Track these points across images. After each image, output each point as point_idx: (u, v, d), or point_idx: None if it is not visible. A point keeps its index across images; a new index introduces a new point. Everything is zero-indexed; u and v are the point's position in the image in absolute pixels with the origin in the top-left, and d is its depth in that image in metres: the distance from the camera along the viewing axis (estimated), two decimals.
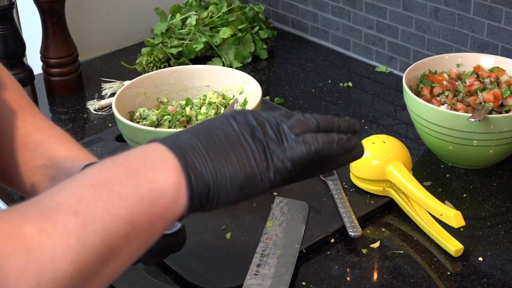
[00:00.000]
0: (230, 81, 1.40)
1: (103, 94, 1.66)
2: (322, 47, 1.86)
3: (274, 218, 1.22)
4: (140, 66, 1.73)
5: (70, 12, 1.79)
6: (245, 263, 1.13)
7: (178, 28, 1.79)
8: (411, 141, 1.45)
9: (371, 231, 1.20)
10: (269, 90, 1.67)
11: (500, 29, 1.48)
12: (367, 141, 1.27)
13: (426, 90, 1.37)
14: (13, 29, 1.58)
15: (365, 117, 1.54)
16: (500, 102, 1.32)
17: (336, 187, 1.28)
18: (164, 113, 1.32)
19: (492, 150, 1.29)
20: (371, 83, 1.67)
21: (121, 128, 1.28)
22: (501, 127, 1.25)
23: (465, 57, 1.43)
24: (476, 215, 1.23)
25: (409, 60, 1.67)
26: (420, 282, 1.09)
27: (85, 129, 1.55)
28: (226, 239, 1.18)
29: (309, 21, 1.88)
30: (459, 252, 1.13)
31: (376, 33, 1.72)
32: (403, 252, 1.16)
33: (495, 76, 1.38)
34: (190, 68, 1.44)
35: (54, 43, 1.63)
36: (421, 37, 1.63)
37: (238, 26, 1.76)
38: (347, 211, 1.21)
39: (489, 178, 1.32)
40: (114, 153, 1.46)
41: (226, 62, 1.76)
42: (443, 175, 1.34)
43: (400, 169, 1.23)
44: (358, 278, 1.11)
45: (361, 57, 1.79)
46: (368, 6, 1.71)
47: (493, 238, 1.18)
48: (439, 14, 1.58)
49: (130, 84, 1.38)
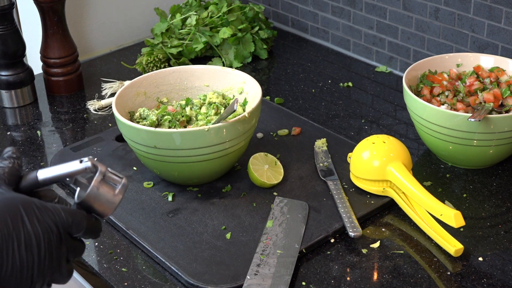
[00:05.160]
0: (230, 81, 1.41)
1: (103, 94, 1.66)
2: (322, 47, 1.86)
3: (274, 218, 1.22)
4: (140, 66, 1.73)
5: (70, 12, 1.80)
6: (245, 263, 1.13)
7: (178, 28, 1.79)
8: (411, 141, 1.45)
9: (371, 231, 1.20)
10: (269, 90, 1.67)
11: (500, 29, 1.48)
12: (367, 141, 1.27)
13: (426, 90, 1.37)
14: (13, 29, 1.58)
15: (365, 117, 1.54)
16: (500, 102, 1.32)
17: (336, 187, 1.28)
18: (164, 113, 1.32)
19: (492, 150, 1.29)
20: (371, 83, 1.67)
21: (121, 128, 1.28)
22: (501, 127, 1.25)
23: (465, 57, 1.43)
24: (476, 215, 1.23)
25: (409, 60, 1.67)
26: (420, 282, 1.09)
27: (85, 129, 1.55)
28: (226, 239, 1.19)
29: (309, 21, 1.88)
30: (459, 252, 1.13)
31: (376, 33, 1.73)
32: (403, 252, 1.16)
33: (495, 76, 1.38)
34: (190, 68, 1.44)
35: (54, 43, 1.63)
36: (421, 37, 1.63)
37: (238, 26, 1.76)
38: (347, 211, 1.21)
39: (489, 178, 1.32)
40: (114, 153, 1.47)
41: (226, 62, 1.76)
42: (443, 175, 1.34)
43: (400, 169, 1.23)
44: (358, 278, 1.11)
45: (361, 57, 1.79)
46: (368, 6, 1.72)
47: (493, 238, 1.18)
48: (439, 14, 1.58)
49: (130, 84, 1.38)
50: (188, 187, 1.31)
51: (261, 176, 1.29)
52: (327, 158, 1.37)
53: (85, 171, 0.87)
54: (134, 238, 1.20)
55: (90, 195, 0.86)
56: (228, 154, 1.26)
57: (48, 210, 0.81)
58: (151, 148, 1.23)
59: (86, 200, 0.87)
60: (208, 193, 1.30)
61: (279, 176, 1.31)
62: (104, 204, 0.88)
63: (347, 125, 1.51)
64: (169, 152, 1.23)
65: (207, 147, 1.23)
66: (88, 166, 0.87)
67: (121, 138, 1.44)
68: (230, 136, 1.24)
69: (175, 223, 1.23)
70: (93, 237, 0.87)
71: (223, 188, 1.30)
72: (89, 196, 0.86)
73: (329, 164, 1.35)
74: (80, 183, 0.88)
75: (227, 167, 1.31)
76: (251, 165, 1.30)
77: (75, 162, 0.88)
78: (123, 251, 1.19)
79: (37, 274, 0.80)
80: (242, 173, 1.34)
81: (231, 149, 1.26)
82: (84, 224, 0.84)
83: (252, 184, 1.31)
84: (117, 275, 1.13)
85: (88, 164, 0.87)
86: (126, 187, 0.89)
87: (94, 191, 0.87)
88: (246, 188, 1.30)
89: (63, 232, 0.82)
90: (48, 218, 0.81)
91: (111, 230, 1.23)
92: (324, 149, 1.39)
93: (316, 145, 1.41)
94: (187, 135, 1.21)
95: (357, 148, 1.28)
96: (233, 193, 1.29)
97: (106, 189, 0.87)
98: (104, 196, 0.87)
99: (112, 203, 0.88)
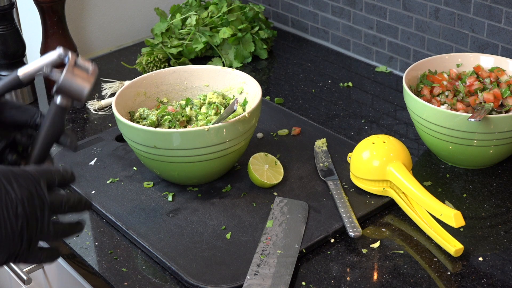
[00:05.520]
0: (230, 81, 1.41)
1: (103, 94, 1.66)
2: (322, 47, 1.86)
3: (274, 218, 1.22)
4: (140, 66, 1.73)
5: (70, 12, 1.80)
6: (245, 263, 1.13)
7: (178, 28, 1.79)
8: (411, 141, 1.45)
9: (371, 231, 1.20)
10: (269, 90, 1.67)
11: (500, 29, 1.48)
12: (367, 141, 1.27)
13: (426, 90, 1.37)
14: (13, 29, 1.58)
15: (365, 117, 1.54)
16: (500, 102, 1.32)
17: (336, 187, 1.28)
18: (164, 113, 1.32)
19: (492, 150, 1.29)
20: (371, 83, 1.67)
21: (121, 128, 1.28)
22: (501, 127, 1.25)
23: (465, 57, 1.43)
24: (476, 215, 1.23)
25: (409, 60, 1.68)
26: (420, 282, 1.09)
27: (85, 129, 1.55)
28: (226, 239, 1.19)
29: (309, 21, 1.88)
30: (459, 252, 1.13)
31: (376, 33, 1.73)
32: (403, 252, 1.16)
33: (495, 76, 1.38)
34: (190, 68, 1.44)
35: (54, 43, 1.63)
36: (421, 37, 1.63)
37: (238, 26, 1.76)
38: (347, 211, 1.21)
39: (489, 178, 1.32)
40: (114, 153, 1.47)
41: (226, 62, 1.76)
42: (443, 175, 1.34)
43: (400, 169, 1.23)
44: (358, 278, 1.11)
45: (361, 57, 1.79)
46: (368, 6, 1.72)
47: (493, 238, 1.18)
48: (439, 14, 1.58)
49: (130, 84, 1.38)
50: (188, 187, 1.31)
51: (261, 176, 1.29)
52: (327, 158, 1.37)
53: (59, 57, 1.00)
54: (134, 238, 1.20)
55: (66, 77, 0.99)
56: (228, 154, 1.26)
57: (25, 174, 0.89)
58: (151, 148, 1.23)
59: (64, 82, 0.99)
60: (208, 193, 1.30)
61: (279, 176, 1.31)
62: (80, 84, 1.00)
63: (347, 125, 1.51)
64: (169, 152, 1.23)
65: (207, 147, 1.23)
66: (60, 52, 1.00)
67: (121, 138, 1.44)
68: (230, 136, 1.24)
69: (175, 223, 1.23)
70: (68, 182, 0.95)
71: (223, 188, 1.31)
72: (66, 78, 0.99)
73: (329, 164, 1.35)
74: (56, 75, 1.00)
75: (227, 167, 1.31)
76: (251, 165, 1.30)
77: (48, 54, 1.01)
78: (123, 251, 1.19)
79: (26, 237, 0.88)
80: (242, 173, 1.34)
81: (231, 149, 1.26)
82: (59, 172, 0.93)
83: (252, 184, 1.31)
84: (117, 275, 1.13)
85: (60, 50, 1.00)
86: (97, 71, 1.02)
87: (69, 71, 0.99)
88: (246, 188, 1.30)
89: (42, 194, 0.89)
90: (27, 182, 0.88)
91: (111, 230, 1.24)
92: (324, 149, 1.39)
93: (316, 145, 1.41)
94: (187, 135, 1.21)
95: (357, 148, 1.28)
96: (233, 193, 1.29)
97: (79, 71, 1.01)
98: (79, 76, 1.00)
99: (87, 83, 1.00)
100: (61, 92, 1.00)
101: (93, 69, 1.02)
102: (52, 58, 1.01)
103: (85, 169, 1.37)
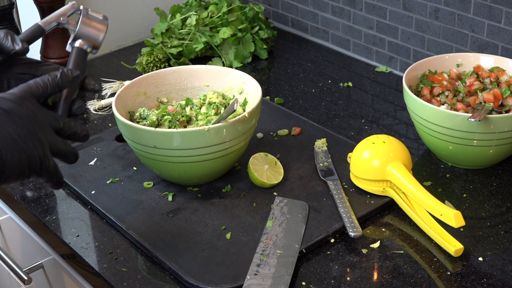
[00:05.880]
0: (230, 81, 1.41)
1: (103, 94, 1.66)
2: (322, 47, 1.86)
3: (274, 218, 1.22)
4: (140, 66, 1.73)
5: None
6: (245, 263, 1.13)
7: (178, 28, 1.79)
8: (411, 141, 1.45)
9: (371, 231, 1.20)
10: (269, 90, 1.67)
11: (500, 29, 1.48)
12: (367, 141, 1.27)
13: (426, 90, 1.37)
14: (13, 29, 1.58)
15: (365, 117, 1.54)
16: (500, 102, 1.32)
17: (336, 187, 1.28)
18: (164, 113, 1.32)
19: (492, 150, 1.29)
20: (371, 83, 1.67)
21: (121, 128, 1.28)
22: (501, 127, 1.25)
23: (465, 57, 1.43)
24: (476, 215, 1.23)
25: (409, 60, 1.68)
26: (420, 282, 1.09)
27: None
28: (226, 239, 1.19)
29: (309, 21, 1.88)
30: (459, 252, 1.13)
31: (376, 33, 1.73)
32: (403, 252, 1.16)
33: (495, 76, 1.38)
34: (190, 68, 1.44)
35: (54, 43, 1.63)
36: (421, 37, 1.63)
37: (238, 26, 1.76)
38: (347, 211, 1.21)
39: (489, 178, 1.32)
40: (114, 153, 1.47)
41: (226, 62, 1.76)
42: (443, 175, 1.34)
43: (400, 169, 1.23)
44: (358, 278, 1.11)
45: (361, 57, 1.79)
46: (368, 6, 1.72)
47: (493, 238, 1.18)
48: (439, 14, 1.58)
49: (130, 84, 1.38)
50: (188, 187, 1.31)
51: (261, 176, 1.29)
52: (327, 158, 1.37)
53: (73, 7, 1.11)
54: (134, 238, 1.20)
55: (82, 24, 1.10)
56: (228, 154, 1.26)
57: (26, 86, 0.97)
58: (151, 148, 1.23)
59: (81, 29, 1.10)
60: (208, 193, 1.30)
61: (279, 176, 1.31)
62: (95, 31, 1.11)
63: (347, 125, 1.51)
64: (169, 152, 1.23)
65: (207, 147, 1.23)
66: (73, 2, 1.12)
67: (121, 138, 1.44)
68: (230, 136, 1.24)
69: (175, 223, 1.23)
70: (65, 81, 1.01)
71: (223, 188, 1.31)
72: (82, 25, 1.10)
73: (329, 164, 1.35)
74: (72, 24, 1.11)
75: (227, 167, 1.31)
76: (251, 165, 1.30)
77: (63, 7, 1.11)
78: (123, 251, 1.19)
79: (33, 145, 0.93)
80: (242, 173, 1.34)
81: (231, 149, 1.26)
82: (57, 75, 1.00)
83: (252, 184, 1.31)
84: (117, 275, 1.13)
85: (73, 1, 1.12)
86: (107, 19, 1.13)
87: (84, 19, 1.10)
88: (246, 188, 1.30)
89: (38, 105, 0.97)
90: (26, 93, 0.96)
91: (111, 230, 1.24)
92: (324, 149, 1.39)
93: (316, 145, 1.41)
94: (187, 135, 1.21)
95: (357, 148, 1.28)
96: (233, 193, 1.29)
97: (92, 20, 1.11)
98: (93, 24, 1.11)
99: (101, 29, 1.11)
100: (79, 38, 1.10)
101: (104, 18, 1.12)
102: (67, 9, 1.11)
103: (85, 169, 1.37)
